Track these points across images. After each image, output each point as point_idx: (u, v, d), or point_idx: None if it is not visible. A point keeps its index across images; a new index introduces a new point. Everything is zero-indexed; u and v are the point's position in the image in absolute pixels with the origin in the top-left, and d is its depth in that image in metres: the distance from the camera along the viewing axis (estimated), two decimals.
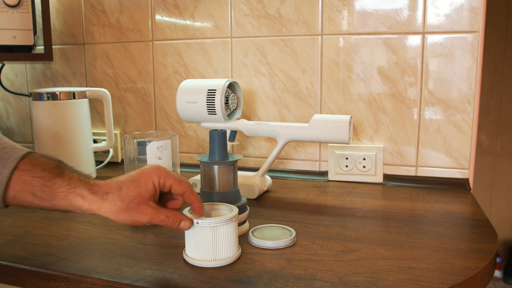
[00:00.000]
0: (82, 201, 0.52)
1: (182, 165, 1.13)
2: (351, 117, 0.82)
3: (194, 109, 0.89)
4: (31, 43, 1.04)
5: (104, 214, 0.52)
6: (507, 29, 2.15)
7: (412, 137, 0.96)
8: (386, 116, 0.97)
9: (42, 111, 0.99)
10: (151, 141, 0.73)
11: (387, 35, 0.94)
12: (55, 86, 1.27)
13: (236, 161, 0.68)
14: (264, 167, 0.89)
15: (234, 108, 0.92)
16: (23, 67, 1.29)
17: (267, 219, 0.74)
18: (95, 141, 1.18)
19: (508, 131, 2.22)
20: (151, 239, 0.67)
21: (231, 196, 0.67)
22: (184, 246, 0.59)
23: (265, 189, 0.91)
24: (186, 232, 0.57)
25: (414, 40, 0.93)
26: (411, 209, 0.79)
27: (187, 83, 0.92)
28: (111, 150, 1.18)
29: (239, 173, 0.89)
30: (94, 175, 1.08)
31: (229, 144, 0.94)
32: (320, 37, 0.99)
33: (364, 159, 0.98)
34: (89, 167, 1.05)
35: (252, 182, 0.87)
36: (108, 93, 1.07)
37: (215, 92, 0.87)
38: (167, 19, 1.11)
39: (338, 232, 0.67)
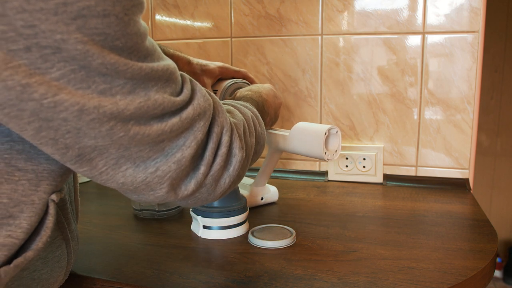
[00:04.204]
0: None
1: None
2: (336, 129, 0.68)
3: None
4: None
5: None
6: (507, 29, 2.15)
7: (412, 137, 0.96)
8: (386, 116, 0.97)
9: None
10: None
11: (387, 35, 0.94)
12: None
13: None
14: (257, 178, 0.82)
15: None
16: None
17: (267, 219, 0.74)
18: None
19: (508, 131, 2.22)
20: (151, 239, 0.67)
21: (231, 196, 0.67)
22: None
23: (263, 201, 0.83)
24: None
25: (414, 40, 0.93)
26: (411, 209, 0.79)
27: None
28: None
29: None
30: None
31: None
32: (320, 37, 0.99)
33: (364, 159, 0.98)
34: None
35: (242, 191, 0.79)
36: None
37: (216, 92, 0.87)
38: (167, 19, 1.11)
39: (338, 232, 0.67)
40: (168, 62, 0.37)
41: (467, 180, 0.93)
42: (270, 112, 0.70)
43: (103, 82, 0.32)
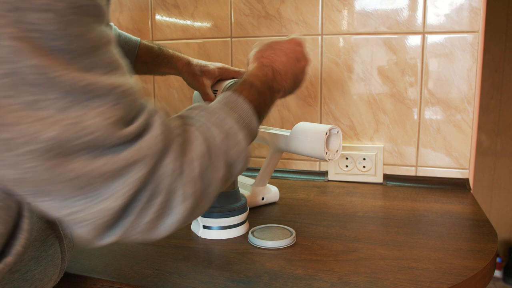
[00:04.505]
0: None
1: None
2: (337, 129, 0.68)
3: None
4: None
5: None
6: (507, 29, 2.15)
7: (412, 137, 0.96)
8: (386, 116, 0.97)
9: None
10: None
11: (387, 35, 0.94)
12: None
13: None
14: (257, 178, 0.82)
15: None
16: None
17: (267, 219, 0.74)
18: None
19: (508, 131, 2.21)
20: None
21: (231, 196, 0.67)
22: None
23: (264, 201, 0.82)
24: None
25: (414, 40, 0.93)
26: (411, 209, 0.79)
27: None
28: None
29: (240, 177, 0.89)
30: None
31: None
32: (320, 37, 0.99)
33: (364, 159, 0.98)
34: None
35: (243, 191, 0.80)
36: None
37: (215, 93, 0.87)
38: (167, 19, 1.11)
39: (338, 232, 0.67)
40: (126, 81, 0.31)
41: (467, 180, 0.93)
42: (284, 85, 0.60)
43: (32, 93, 0.27)
